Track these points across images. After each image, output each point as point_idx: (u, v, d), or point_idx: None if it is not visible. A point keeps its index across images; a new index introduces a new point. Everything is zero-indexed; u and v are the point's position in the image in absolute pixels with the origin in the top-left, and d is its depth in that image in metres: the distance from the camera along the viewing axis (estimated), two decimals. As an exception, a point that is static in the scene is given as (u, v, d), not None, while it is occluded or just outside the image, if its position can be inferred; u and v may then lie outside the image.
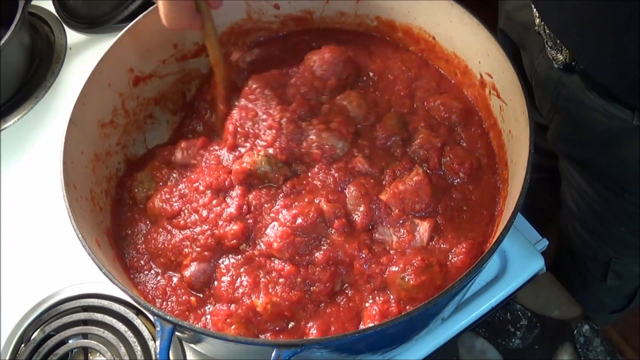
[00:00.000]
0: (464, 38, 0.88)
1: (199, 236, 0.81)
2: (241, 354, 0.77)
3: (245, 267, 0.79)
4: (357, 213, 0.80)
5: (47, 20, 1.32)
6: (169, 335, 0.66)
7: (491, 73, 0.85)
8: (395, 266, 0.76)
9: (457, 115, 0.89)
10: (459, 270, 0.76)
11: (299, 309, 0.77)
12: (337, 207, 0.79)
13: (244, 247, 0.80)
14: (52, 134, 1.16)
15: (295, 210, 0.79)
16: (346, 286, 0.78)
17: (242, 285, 0.78)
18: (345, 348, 0.72)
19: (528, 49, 1.01)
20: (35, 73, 1.25)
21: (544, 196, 1.37)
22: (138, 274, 0.84)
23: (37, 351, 0.92)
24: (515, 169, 0.77)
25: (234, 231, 0.79)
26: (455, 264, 0.77)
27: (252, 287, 0.77)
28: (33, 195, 1.09)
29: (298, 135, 0.84)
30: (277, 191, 0.82)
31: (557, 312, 0.92)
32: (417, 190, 0.80)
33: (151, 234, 0.84)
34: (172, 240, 0.82)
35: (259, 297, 0.76)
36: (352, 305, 0.77)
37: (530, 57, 1.01)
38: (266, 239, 0.78)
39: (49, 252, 1.02)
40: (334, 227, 0.78)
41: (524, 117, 0.75)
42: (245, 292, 0.77)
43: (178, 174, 0.89)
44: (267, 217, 0.80)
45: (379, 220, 0.80)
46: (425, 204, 0.81)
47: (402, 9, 0.94)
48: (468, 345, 0.91)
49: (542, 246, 0.97)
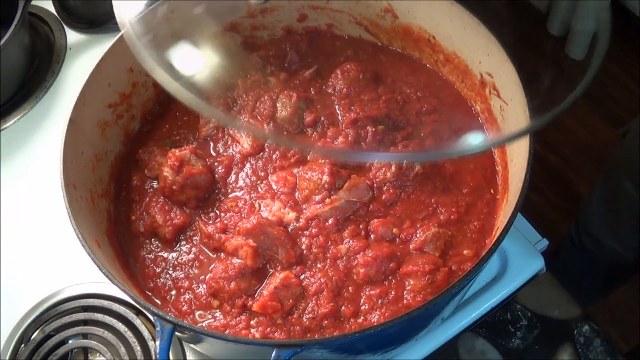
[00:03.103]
0: (464, 37, 0.88)
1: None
2: (241, 354, 0.78)
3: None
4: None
5: (47, 20, 1.32)
6: (169, 335, 0.66)
7: (491, 73, 0.85)
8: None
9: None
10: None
11: None
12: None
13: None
14: (52, 134, 1.16)
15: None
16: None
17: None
18: (345, 348, 0.72)
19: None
20: (35, 73, 1.25)
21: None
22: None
23: (37, 351, 0.91)
24: (516, 169, 0.78)
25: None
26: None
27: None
28: (33, 195, 1.09)
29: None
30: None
31: (557, 312, 0.92)
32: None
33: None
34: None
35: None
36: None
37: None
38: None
39: (49, 252, 1.02)
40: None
41: (525, 116, 0.75)
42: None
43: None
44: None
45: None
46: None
47: (402, 9, 0.94)
48: (468, 345, 0.91)
49: (542, 246, 0.97)
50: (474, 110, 0.93)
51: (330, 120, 0.91)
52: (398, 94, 0.94)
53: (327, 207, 0.83)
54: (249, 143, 0.90)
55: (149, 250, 0.86)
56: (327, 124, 0.91)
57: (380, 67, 0.98)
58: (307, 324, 0.77)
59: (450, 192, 0.85)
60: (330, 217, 0.82)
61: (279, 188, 0.86)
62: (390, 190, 0.84)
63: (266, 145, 0.91)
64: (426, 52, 0.96)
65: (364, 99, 0.92)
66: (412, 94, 0.94)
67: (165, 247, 0.86)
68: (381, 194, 0.85)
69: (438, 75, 0.97)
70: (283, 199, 0.85)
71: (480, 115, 0.92)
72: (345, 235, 0.82)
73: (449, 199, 0.85)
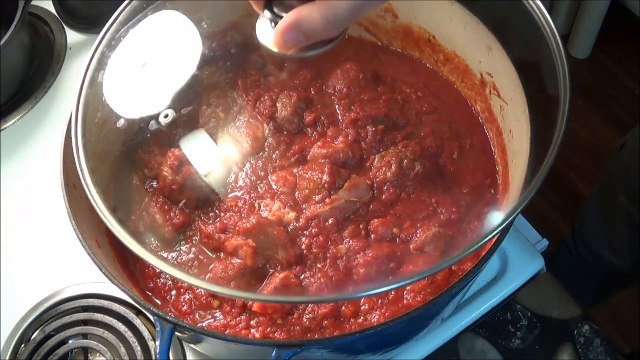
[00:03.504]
0: (465, 37, 0.88)
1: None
2: (241, 354, 0.77)
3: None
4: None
5: (47, 20, 1.32)
6: (169, 336, 0.66)
7: (491, 72, 0.85)
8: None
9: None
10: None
11: None
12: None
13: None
14: (52, 134, 1.16)
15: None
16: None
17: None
18: (345, 348, 0.72)
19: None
20: (35, 73, 1.25)
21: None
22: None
23: (37, 351, 0.92)
24: (516, 169, 0.78)
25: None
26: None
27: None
28: (33, 195, 1.09)
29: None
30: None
31: (557, 312, 0.92)
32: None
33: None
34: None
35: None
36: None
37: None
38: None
39: (49, 252, 1.02)
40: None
41: (525, 116, 0.75)
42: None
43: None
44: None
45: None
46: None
47: (402, 8, 0.94)
48: (468, 345, 0.91)
49: (542, 246, 0.97)
50: (474, 110, 0.93)
51: (330, 120, 0.91)
52: (398, 93, 0.94)
53: (327, 206, 0.83)
54: (249, 143, 0.90)
55: (148, 250, 0.86)
56: (327, 123, 0.91)
57: (380, 67, 0.98)
58: (307, 324, 0.77)
59: (450, 192, 0.85)
60: (330, 217, 0.82)
61: (278, 188, 0.86)
62: (391, 190, 0.84)
63: (266, 145, 0.91)
64: (426, 51, 0.96)
65: (364, 98, 0.92)
66: (412, 93, 0.94)
67: (164, 246, 0.86)
68: (381, 193, 0.85)
69: (438, 75, 0.97)
70: (283, 199, 0.85)
71: (480, 115, 0.92)
72: (345, 235, 0.82)
73: (449, 198, 0.85)
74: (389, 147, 0.87)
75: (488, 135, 0.90)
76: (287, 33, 0.58)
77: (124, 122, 0.82)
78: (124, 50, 0.78)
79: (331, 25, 0.56)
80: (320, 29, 0.57)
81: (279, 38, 0.59)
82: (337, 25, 0.57)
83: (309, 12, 0.56)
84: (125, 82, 0.80)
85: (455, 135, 0.90)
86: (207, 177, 0.85)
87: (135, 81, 0.81)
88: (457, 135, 0.90)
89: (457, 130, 0.91)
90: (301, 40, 0.58)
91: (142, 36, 0.79)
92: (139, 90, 0.81)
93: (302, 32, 0.57)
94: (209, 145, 0.88)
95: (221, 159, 0.89)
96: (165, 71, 0.82)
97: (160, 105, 0.82)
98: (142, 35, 0.80)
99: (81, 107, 0.74)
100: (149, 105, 0.83)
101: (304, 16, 0.57)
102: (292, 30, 0.57)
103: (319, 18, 0.56)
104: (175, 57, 0.82)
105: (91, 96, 0.76)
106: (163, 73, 0.82)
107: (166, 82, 0.82)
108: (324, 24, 0.56)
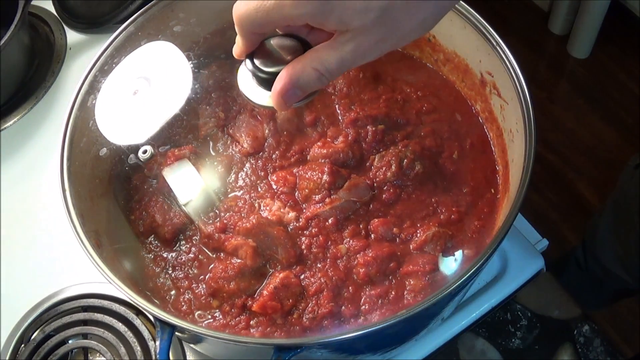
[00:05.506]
0: (465, 36, 0.87)
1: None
2: (241, 354, 0.77)
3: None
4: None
5: (47, 20, 1.32)
6: (169, 336, 0.66)
7: (492, 72, 0.85)
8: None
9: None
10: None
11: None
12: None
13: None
14: (52, 134, 1.16)
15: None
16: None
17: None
18: (345, 348, 0.72)
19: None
20: (35, 73, 1.25)
21: None
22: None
23: (37, 351, 0.91)
24: (516, 169, 0.77)
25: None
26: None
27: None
28: (33, 195, 1.09)
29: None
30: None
31: (557, 312, 0.92)
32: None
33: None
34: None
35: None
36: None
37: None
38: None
39: (49, 252, 1.02)
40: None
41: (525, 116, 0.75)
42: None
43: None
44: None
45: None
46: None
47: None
48: (468, 345, 0.91)
49: (542, 246, 0.97)
50: (474, 109, 0.93)
51: (330, 120, 0.91)
52: (398, 93, 0.94)
53: (327, 206, 0.83)
54: (249, 142, 0.90)
55: (148, 250, 0.86)
56: (327, 123, 0.91)
57: (380, 66, 0.97)
58: (307, 324, 0.77)
59: (450, 192, 0.85)
60: (330, 217, 0.82)
61: (278, 187, 0.86)
62: (391, 190, 0.84)
63: (266, 144, 0.91)
64: (426, 51, 0.96)
65: (364, 98, 0.92)
66: (412, 93, 0.94)
67: (164, 246, 0.86)
68: (381, 193, 0.85)
69: (438, 75, 0.97)
70: (283, 199, 0.85)
71: (480, 115, 0.92)
72: (345, 235, 0.82)
73: (449, 198, 0.85)
74: (389, 146, 0.87)
75: (488, 135, 0.90)
76: (286, 93, 0.58)
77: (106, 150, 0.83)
78: (115, 77, 0.78)
79: (325, 78, 0.58)
80: (316, 82, 0.58)
81: (279, 100, 0.59)
82: (330, 77, 0.58)
83: (302, 68, 0.57)
84: (114, 109, 0.80)
85: (455, 135, 0.90)
86: (187, 206, 0.85)
87: (124, 109, 0.81)
88: (457, 135, 0.90)
89: (457, 130, 0.91)
90: (299, 96, 0.59)
91: (134, 65, 0.80)
92: (126, 120, 0.81)
93: (299, 88, 0.58)
94: (193, 176, 0.88)
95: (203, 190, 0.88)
96: (152, 104, 0.81)
97: (141, 138, 0.83)
98: (133, 64, 0.80)
99: (69, 130, 0.76)
100: (132, 137, 0.83)
101: (298, 73, 0.58)
102: (290, 89, 0.58)
103: (313, 72, 0.57)
104: (164, 92, 0.82)
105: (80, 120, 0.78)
106: (150, 105, 0.81)
107: (152, 116, 0.81)
108: (319, 77, 0.57)
